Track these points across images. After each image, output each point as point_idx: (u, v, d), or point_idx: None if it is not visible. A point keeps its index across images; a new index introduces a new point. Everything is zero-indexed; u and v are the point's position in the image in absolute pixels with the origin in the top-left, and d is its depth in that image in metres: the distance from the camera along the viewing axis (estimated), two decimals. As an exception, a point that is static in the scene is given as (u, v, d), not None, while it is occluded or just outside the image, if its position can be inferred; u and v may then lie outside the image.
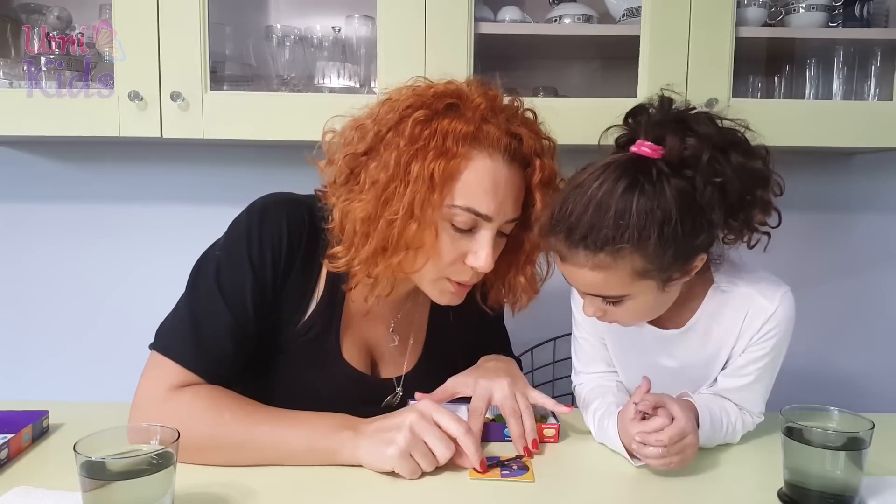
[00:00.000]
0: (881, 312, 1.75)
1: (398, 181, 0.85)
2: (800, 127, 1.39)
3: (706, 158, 0.83)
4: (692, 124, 0.85)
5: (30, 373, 1.72)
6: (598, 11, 1.46)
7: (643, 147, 0.84)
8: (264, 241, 0.92)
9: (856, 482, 0.76)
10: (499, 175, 0.88)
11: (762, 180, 0.87)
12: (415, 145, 0.85)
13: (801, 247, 1.70)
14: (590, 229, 0.81)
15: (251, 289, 0.91)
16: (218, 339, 0.89)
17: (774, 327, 0.92)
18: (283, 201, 0.96)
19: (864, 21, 1.44)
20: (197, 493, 0.78)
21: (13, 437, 0.86)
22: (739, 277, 0.95)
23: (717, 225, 0.85)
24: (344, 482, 0.82)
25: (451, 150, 0.85)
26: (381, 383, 1.04)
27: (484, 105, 0.88)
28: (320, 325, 0.97)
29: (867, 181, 1.71)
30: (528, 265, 0.98)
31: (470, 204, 0.87)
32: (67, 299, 1.70)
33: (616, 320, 0.91)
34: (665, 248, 0.81)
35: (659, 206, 0.80)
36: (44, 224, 1.68)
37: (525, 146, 0.90)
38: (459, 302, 0.97)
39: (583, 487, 0.84)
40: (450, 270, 0.92)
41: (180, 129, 1.35)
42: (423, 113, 0.86)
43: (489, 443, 0.94)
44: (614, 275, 0.83)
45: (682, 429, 0.82)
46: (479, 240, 0.90)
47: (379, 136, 0.88)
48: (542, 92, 1.56)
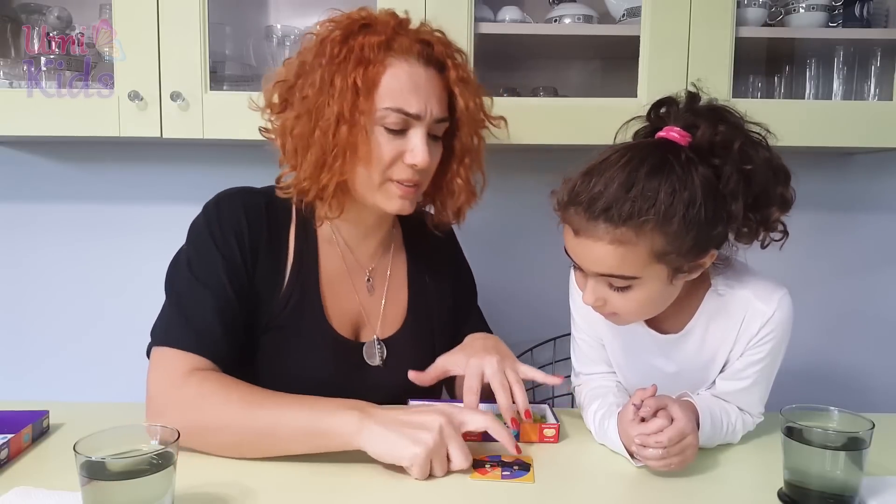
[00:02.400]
0: (881, 312, 1.75)
1: (325, 95, 0.93)
2: (800, 127, 1.39)
3: (738, 145, 0.84)
4: (724, 114, 0.87)
5: (30, 373, 1.72)
6: (598, 11, 1.46)
7: (672, 132, 0.85)
8: (226, 229, 0.98)
9: (856, 482, 0.76)
10: (418, 76, 0.96)
11: (785, 178, 0.87)
12: (335, 61, 0.94)
13: (801, 247, 1.70)
14: (614, 201, 0.80)
15: (225, 271, 0.95)
16: (208, 322, 0.93)
17: (772, 331, 0.92)
18: (236, 192, 1.03)
19: (864, 21, 1.44)
20: (197, 493, 0.77)
21: (13, 437, 0.86)
22: (736, 280, 0.94)
23: (735, 218, 0.85)
24: (344, 482, 0.82)
25: (368, 58, 0.93)
26: (366, 347, 1.06)
27: (394, 22, 0.98)
28: (297, 293, 1.01)
29: (867, 181, 1.71)
30: (461, 168, 1.04)
31: (397, 105, 0.94)
32: (67, 299, 1.70)
33: (615, 312, 0.89)
34: (687, 230, 0.81)
35: (686, 187, 0.80)
36: (44, 224, 1.68)
37: (436, 51, 0.99)
38: (409, 208, 1.00)
39: (583, 488, 0.84)
40: (391, 171, 0.97)
41: (180, 129, 1.35)
42: (340, 34, 0.95)
43: (490, 442, 0.94)
44: (632, 252, 0.82)
45: (681, 430, 0.82)
46: (412, 139, 0.96)
47: (304, 64, 0.97)
48: (542, 92, 1.56)
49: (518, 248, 1.70)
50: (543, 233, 1.65)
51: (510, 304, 1.58)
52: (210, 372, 0.90)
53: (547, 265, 1.19)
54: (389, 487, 0.81)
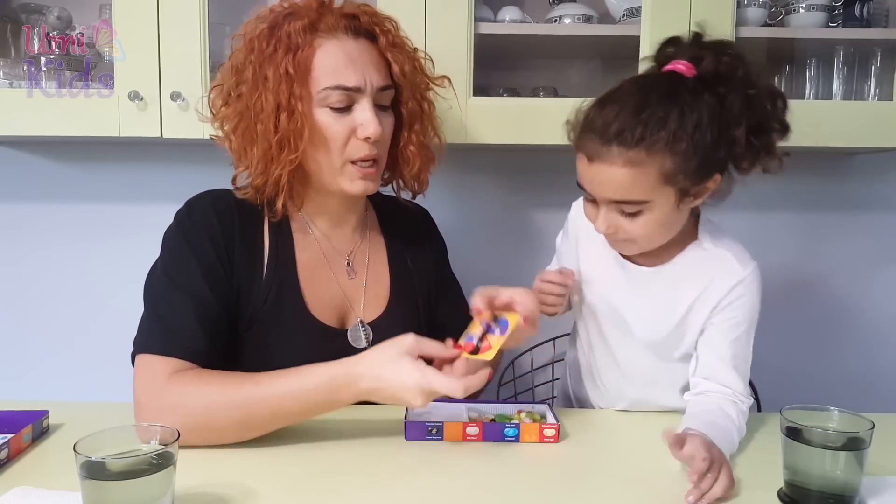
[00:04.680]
0: (881, 312, 1.75)
1: (260, 89, 0.95)
2: (800, 127, 1.38)
3: (741, 73, 0.89)
4: (728, 46, 0.92)
5: (30, 373, 1.71)
6: (598, 11, 1.46)
7: (678, 65, 0.90)
8: (199, 231, 0.99)
9: (856, 482, 0.76)
10: (349, 49, 0.97)
11: (783, 105, 0.92)
12: (265, 54, 0.95)
13: (801, 247, 1.70)
14: (627, 125, 0.86)
15: (201, 273, 0.96)
16: (187, 324, 0.93)
17: (742, 295, 0.96)
18: (205, 195, 1.04)
19: (864, 21, 1.44)
20: (197, 493, 0.77)
21: (13, 437, 0.86)
22: (720, 241, 1.00)
23: (738, 142, 0.89)
24: (344, 482, 0.82)
25: (296, 43, 0.94)
26: (350, 331, 1.07)
27: (315, 4, 0.99)
28: (275, 286, 1.01)
29: (867, 181, 1.71)
30: (412, 134, 1.06)
31: (336, 82, 0.95)
32: (67, 299, 1.70)
33: (627, 238, 0.94)
34: (695, 151, 0.86)
35: (693, 111, 0.86)
36: (44, 224, 1.68)
37: (363, 21, 0.99)
38: (374, 187, 1.03)
39: (583, 487, 0.84)
40: (348, 152, 0.98)
41: (180, 129, 1.35)
42: (266, 27, 0.97)
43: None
44: (643, 173, 0.86)
45: (704, 457, 0.79)
46: (359, 112, 0.97)
47: (236, 65, 0.98)
48: (542, 92, 1.56)
49: (518, 248, 1.70)
50: (544, 232, 1.66)
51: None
52: (190, 370, 0.91)
53: (549, 262, 1.19)
54: (390, 487, 0.82)
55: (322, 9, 0.98)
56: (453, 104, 1.25)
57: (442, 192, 1.24)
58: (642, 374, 1.06)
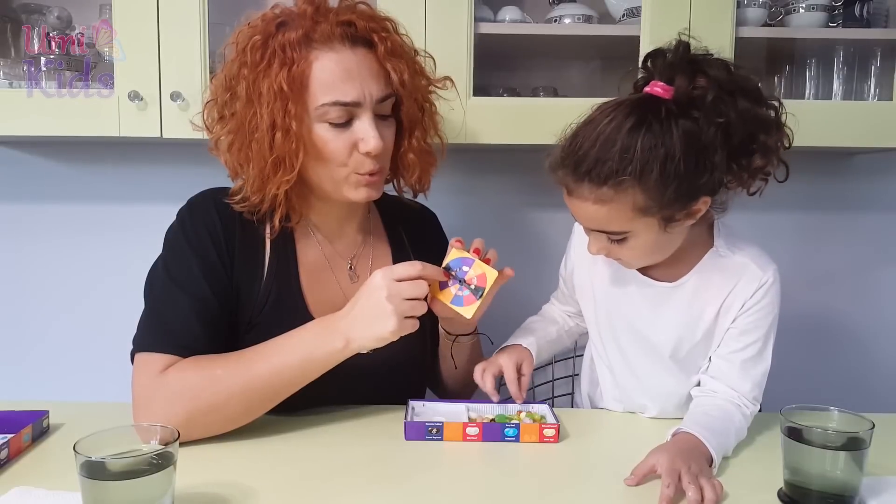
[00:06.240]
0: (881, 312, 1.75)
1: (255, 105, 0.91)
2: (800, 127, 1.38)
3: (710, 99, 0.85)
4: (703, 66, 0.88)
5: (30, 373, 1.71)
6: (598, 11, 1.46)
7: (655, 87, 0.87)
8: (199, 230, 0.98)
9: (856, 482, 0.76)
10: (347, 62, 0.93)
11: (766, 126, 0.89)
12: (258, 68, 0.91)
13: (801, 247, 1.70)
14: (595, 163, 0.84)
15: (202, 271, 0.95)
16: (184, 321, 0.93)
17: (764, 297, 0.95)
18: (208, 194, 1.03)
19: (864, 21, 1.44)
20: (197, 493, 0.78)
21: (13, 437, 0.86)
22: (737, 247, 0.98)
23: (719, 168, 0.86)
24: (344, 482, 0.82)
25: (291, 57, 0.91)
26: None
27: (310, 10, 0.94)
28: (276, 288, 1.01)
29: (867, 181, 1.71)
30: (412, 140, 1.04)
31: (333, 98, 0.92)
32: (67, 299, 1.70)
33: (620, 258, 0.93)
34: (666, 184, 0.83)
35: (663, 143, 0.82)
36: (44, 224, 1.68)
37: (360, 29, 0.95)
38: (377, 194, 1.01)
39: (583, 487, 0.84)
40: (351, 165, 0.96)
41: (180, 129, 1.34)
42: (259, 38, 0.93)
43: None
44: (616, 209, 0.85)
45: (669, 469, 0.80)
46: (360, 127, 0.95)
47: (229, 78, 0.95)
48: (542, 92, 1.56)
49: (519, 248, 1.70)
50: (545, 232, 1.66)
51: (511, 304, 1.58)
52: (181, 361, 0.91)
53: (552, 266, 1.19)
54: (390, 486, 0.82)
55: (317, 16, 0.93)
56: (454, 105, 1.25)
57: (442, 192, 1.24)
58: (668, 390, 1.03)
